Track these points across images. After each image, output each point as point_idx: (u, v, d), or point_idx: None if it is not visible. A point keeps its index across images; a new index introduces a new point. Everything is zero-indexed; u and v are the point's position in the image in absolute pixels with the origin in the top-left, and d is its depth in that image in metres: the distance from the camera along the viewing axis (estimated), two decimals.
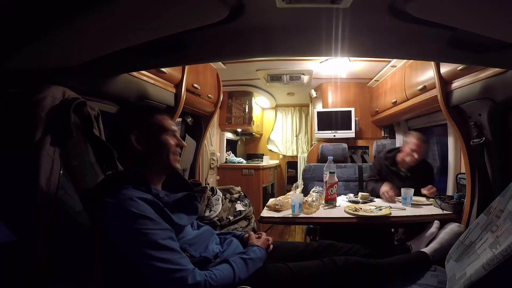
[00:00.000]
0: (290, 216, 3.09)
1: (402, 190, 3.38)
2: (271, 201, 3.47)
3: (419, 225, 3.05)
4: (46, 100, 1.61)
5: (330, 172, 3.41)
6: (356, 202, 3.56)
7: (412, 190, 3.39)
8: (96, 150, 1.98)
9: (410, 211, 3.19)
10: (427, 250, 2.60)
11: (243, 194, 4.06)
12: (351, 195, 3.93)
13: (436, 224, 2.94)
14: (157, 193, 1.80)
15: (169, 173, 2.04)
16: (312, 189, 3.54)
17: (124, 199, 1.60)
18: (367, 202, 3.56)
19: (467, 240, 2.08)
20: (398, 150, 4.19)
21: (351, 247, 2.55)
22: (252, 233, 2.38)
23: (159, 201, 1.74)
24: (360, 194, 3.74)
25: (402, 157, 4.03)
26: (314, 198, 3.26)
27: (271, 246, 2.27)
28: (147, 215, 1.60)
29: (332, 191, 3.42)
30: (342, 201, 3.68)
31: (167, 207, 1.77)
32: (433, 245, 2.66)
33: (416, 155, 3.82)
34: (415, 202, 3.43)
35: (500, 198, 1.94)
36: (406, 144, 3.99)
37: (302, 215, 3.10)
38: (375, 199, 3.70)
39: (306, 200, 3.21)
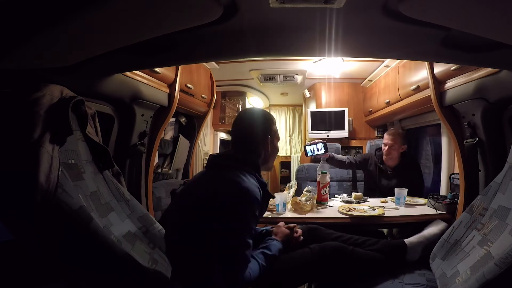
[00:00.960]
0: (275, 216, 3.12)
1: (396, 190, 3.39)
2: None
3: (413, 225, 3.06)
4: (44, 98, 1.63)
5: (322, 172, 3.43)
6: (350, 202, 3.57)
7: (405, 190, 3.39)
8: (92, 149, 1.99)
9: (403, 211, 3.19)
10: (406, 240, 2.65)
11: None
12: (345, 195, 3.93)
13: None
14: (264, 183, 2.02)
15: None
16: (305, 189, 3.54)
17: (251, 183, 1.84)
18: (360, 202, 3.57)
19: (451, 238, 2.10)
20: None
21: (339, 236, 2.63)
22: (282, 222, 2.54)
23: (264, 190, 1.98)
24: (353, 194, 3.75)
25: (385, 157, 4.15)
26: (307, 198, 3.27)
27: (295, 240, 2.39)
28: (257, 204, 1.84)
29: (324, 191, 3.44)
30: (336, 201, 3.70)
31: (265, 198, 2.02)
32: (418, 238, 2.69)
33: (386, 148, 4.00)
34: (409, 202, 3.45)
35: (481, 197, 1.99)
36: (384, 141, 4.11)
37: (295, 215, 3.11)
38: (369, 199, 3.70)
39: (300, 200, 3.21)
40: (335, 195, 4.00)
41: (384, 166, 4.18)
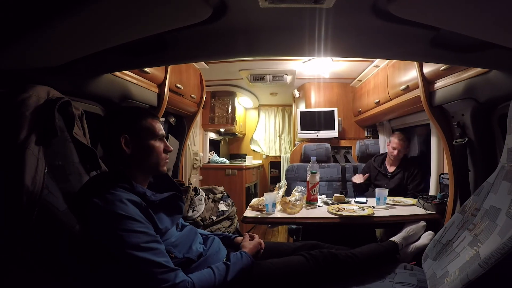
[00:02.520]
0: (265, 216, 3.12)
1: (376, 190, 3.40)
2: (254, 201, 3.49)
3: (401, 225, 3.07)
4: (31, 100, 1.61)
5: (311, 172, 3.43)
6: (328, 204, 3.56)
7: (386, 191, 3.41)
8: (79, 150, 1.97)
9: (393, 211, 3.20)
10: (395, 238, 2.68)
11: (226, 194, 4.07)
12: (323, 196, 3.95)
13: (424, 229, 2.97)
14: (143, 192, 1.81)
15: (156, 175, 2.05)
16: (295, 189, 3.55)
17: (112, 200, 1.62)
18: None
19: (443, 239, 2.10)
20: (386, 154, 4.40)
21: (336, 248, 2.55)
22: (247, 234, 2.39)
23: (145, 199, 1.76)
24: (334, 195, 3.76)
25: (386, 159, 4.29)
26: (297, 198, 3.27)
27: (262, 251, 2.28)
28: (134, 216, 1.61)
29: (314, 191, 3.45)
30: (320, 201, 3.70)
31: (153, 206, 1.79)
32: (401, 233, 2.71)
33: (395, 152, 4.06)
34: (398, 203, 3.47)
35: (474, 197, 1.98)
36: (389, 143, 4.20)
37: (284, 215, 3.11)
38: (352, 201, 3.71)
39: (289, 200, 3.21)
40: (323, 195, 3.99)
41: (384, 169, 4.28)
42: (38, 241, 1.51)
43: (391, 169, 4.26)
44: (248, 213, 3.18)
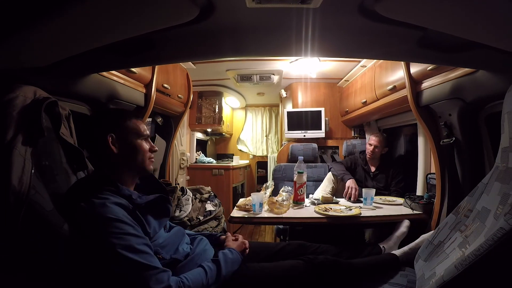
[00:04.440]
0: (252, 216, 3.10)
1: (364, 190, 3.40)
2: (241, 201, 3.48)
3: (388, 225, 3.08)
4: (17, 100, 1.60)
5: (298, 172, 3.43)
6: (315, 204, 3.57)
7: (373, 191, 3.41)
8: (66, 150, 1.96)
9: (380, 211, 3.20)
10: (397, 252, 2.63)
11: (213, 194, 4.07)
12: (311, 195, 3.96)
13: (406, 223, 2.98)
14: (129, 195, 1.80)
15: (142, 176, 2.04)
16: (282, 189, 3.54)
17: (100, 204, 1.61)
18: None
19: (435, 239, 2.09)
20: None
21: (318, 246, 2.59)
22: (229, 234, 2.38)
23: (132, 202, 1.75)
24: (322, 196, 3.75)
25: (368, 158, 4.29)
26: (284, 198, 3.26)
27: (247, 250, 2.27)
28: (123, 219, 1.60)
29: (301, 191, 3.45)
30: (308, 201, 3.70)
31: (140, 208, 1.77)
32: (405, 249, 2.67)
33: (371, 148, 4.14)
34: (386, 202, 3.47)
35: (468, 198, 1.96)
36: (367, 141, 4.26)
37: (271, 215, 3.11)
38: (340, 200, 3.71)
39: (276, 200, 3.21)
40: (310, 195, 4.00)
41: (368, 168, 4.29)
42: (25, 241, 1.50)
43: (372, 168, 4.29)
44: (235, 213, 3.17)
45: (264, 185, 3.79)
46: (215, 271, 1.86)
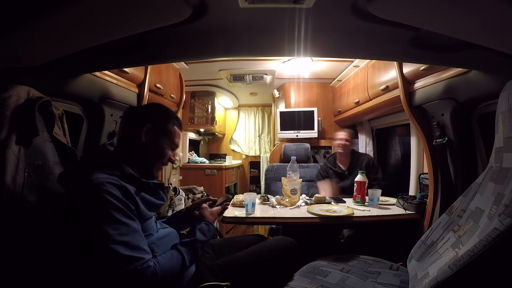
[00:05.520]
0: (244, 216, 3.09)
1: (369, 191, 3.38)
2: (237, 197, 3.53)
3: (382, 225, 3.08)
4: (11, 99, 1.61)
5: (360, 172, 3.51)
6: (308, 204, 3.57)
7: (379, 191, 3.39)
8: (59, 150, 1.96)
9: (373, 211, 3.18)
10: None
11: (205, 194, 4.07)
12: (303, 195, 3.93)
13: None
14: (130, 173, 1.80)
15: (145, 173, 2.01)
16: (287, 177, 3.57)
17: (97, 182, 1.60)
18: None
19: (428, 239, 2.09)
20: (335, 153, 4.42)
21: None
22: (205, 205, 2.37)
23: (132, 181, 1.79)
24: (315, 196, 3.71)
25: (337, 157, 4.32)
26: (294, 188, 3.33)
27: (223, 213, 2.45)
28: (115, 200, 1.60)
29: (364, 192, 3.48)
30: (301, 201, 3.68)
31: (139, 186, 1.82)
32: None
33: (342, 142, 4.14)
34: (381, 203, 3.46)
35: (462, 198, 1.95)
36: (334, 141, 4.27)
37: (264, 215, 3.11)
38: (332, 202, 3.67)
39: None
40: (303, 195, 3.97)
41: (339, 168, 4.27)
42: (20, 240, 1.49)
43: (344, 166, 4.27)
44: (228, 213, 3.15)
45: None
46: (191, 251, 1.89)
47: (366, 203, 3.43)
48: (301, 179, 3.51)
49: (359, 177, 3.47)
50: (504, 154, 1.61)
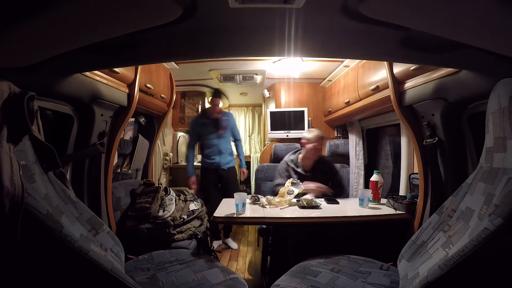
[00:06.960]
0: (234, 215, 3.08)
1: (360, 191, 3.40)
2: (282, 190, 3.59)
3: (374, 225, 3.09)
4: None
5: (376, 172, 3.52)
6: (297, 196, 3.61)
7: (369, 191, 3.41)
8: (36, 148, 1.90)
9: (364, 211, 3.22)
10: None
11: (196, 196, 4.07)
12: (294, 188, 3.89)
13: None
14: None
15: None
16: (291, 179, 3.58)
17: None
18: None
19: (419, 240, 2.10)
20: (299, 151, 4.35)
21: None
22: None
23: None
24: (302, 198, 3.65)
25: (302, 157, 4.22)
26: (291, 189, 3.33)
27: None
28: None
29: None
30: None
31: None
32: None
33: (316, 151, 4.07)
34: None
35: (452, 198, 1.96)
36: (308, 142, 4.11)
37: (254, 215, 3.13)
38: (320, 204, 3.62)
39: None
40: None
41: (302, 169, 4.20)
42: (26, 249, 1.42)
43: (307, 168, 4.19)
44: (218, 213, 3.15)
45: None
46: None
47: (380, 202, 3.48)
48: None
49: (374, 177, 3.49)
50: (495, 154, 1.62)
